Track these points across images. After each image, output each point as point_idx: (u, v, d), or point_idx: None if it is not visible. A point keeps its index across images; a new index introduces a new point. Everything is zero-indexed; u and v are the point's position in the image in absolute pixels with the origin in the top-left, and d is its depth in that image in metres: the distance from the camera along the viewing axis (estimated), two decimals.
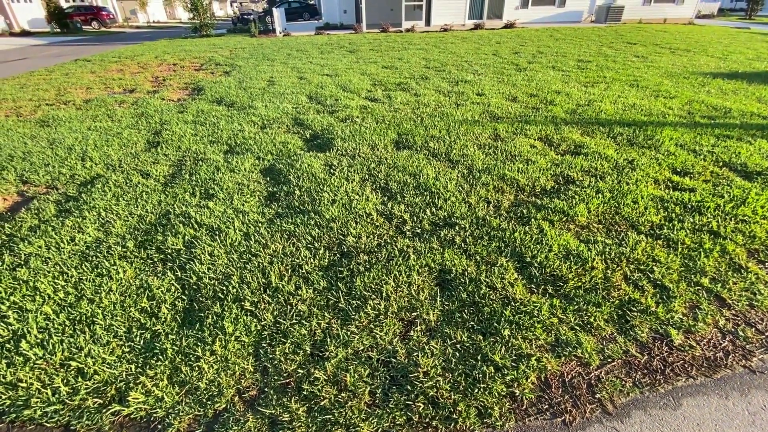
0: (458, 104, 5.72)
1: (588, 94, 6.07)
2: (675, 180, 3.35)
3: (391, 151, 4.10)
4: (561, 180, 3.39)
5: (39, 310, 2.13)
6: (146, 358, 1.84)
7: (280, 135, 4.64)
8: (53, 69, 9.90)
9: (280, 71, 8.64)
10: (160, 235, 2.74)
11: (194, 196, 3.24)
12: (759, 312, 2.09)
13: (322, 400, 1.64)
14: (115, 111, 5.80)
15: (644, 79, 7.04)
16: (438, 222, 2.83)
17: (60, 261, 2.51)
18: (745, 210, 2.88)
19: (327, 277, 2.32)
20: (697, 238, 2.58)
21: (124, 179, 3.58)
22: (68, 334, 1.98)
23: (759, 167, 3.54)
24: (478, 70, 8.23)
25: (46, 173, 3.76)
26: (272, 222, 2.87)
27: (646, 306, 2.07)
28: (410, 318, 2.05)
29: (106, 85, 7.74)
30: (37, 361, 1.85)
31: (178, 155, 4.12)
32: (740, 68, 8.14)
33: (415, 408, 1.60)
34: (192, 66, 9.87)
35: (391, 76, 7.87)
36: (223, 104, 6.06)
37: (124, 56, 11.90)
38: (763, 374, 1.78)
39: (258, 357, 1.85)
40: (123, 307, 2.13)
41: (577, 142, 4.18)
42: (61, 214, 3.07)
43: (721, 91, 6.24)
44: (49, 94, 7.03)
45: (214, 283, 2.28)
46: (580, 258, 2.40)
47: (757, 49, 10.89)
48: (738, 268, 2.36)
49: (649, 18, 21.24)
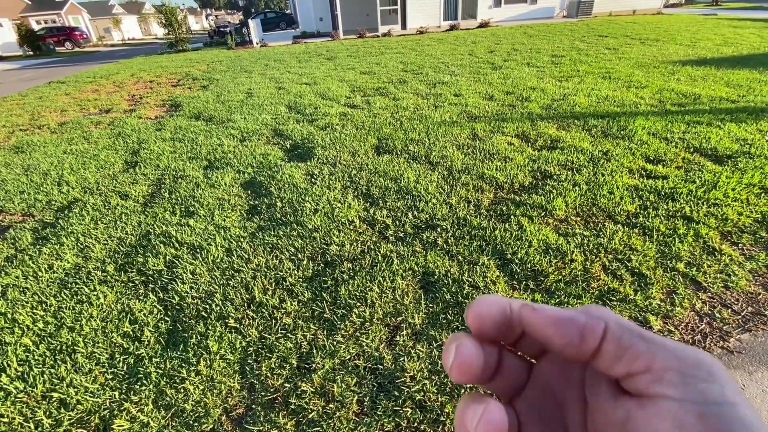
0: (436, 106, 5.78)
1: (562, 89, 6.18)
2: (648, 168, 3.43)
3: (372, 156, 4.12)
4: (539, 175, 3.45)
5: (18, 342, 2.09)
6: (130, 384, 1.82)
7: (260, 147, 4.62)
8: (26, 93, 9.73)
9: (258, 83, 8.62)
10: (140, 257, 2.70)
11: (174, 215, 3.21)
12: (734, 293, 2.15)
13: (310, 412, 1.64)
14: (91, 133, 5.72)
15: (616, 71, 7.20)
16: (420, 225, 2.85)
17: (38, 290, 2.47)
18: (716, 194, 2.96)
19: (311, 288, 2.32)
20: (672, 225, 2.65)
21: (102, 202, 3.53)
22: (49, 364, 1.94)
23: (729, 151, 3.65)
24: (455, 71, 8.32)
25: (22, 201, 3.69)
26: (254, 236, 2.86)
27: (625, 294, 2.12)
28: (396, 323, 2.06)
29: (82, 106, 7.63)
30: (18, 394, 1.81)
31: (157, 174, 4.08)
32: (708, 54, 8.38)
33: (403, 413, 1.61)
34: (169, 82, 9.78)
35: (369, 81, 7.91)
36: (202, 119, 6.02)
37: (99, 76, 11.74)
38: (741, 354, 1.83)
39: (244, 374, 1.84)
40: (105, 333, 2.10)
41: (553, 136, 4.25)
42: (38, 242, 3.01)
43: (691, 78, 6.42)
44: (22, 119, 6.90)
45: (197, 302, 2.26)
46: (560, 251, 2.44)
47: (724, 35, 11.23)
48: (712, 251, 2.43)
49: (619, 10, 21.75)
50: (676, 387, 0.17)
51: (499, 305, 0.22)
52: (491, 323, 0.21)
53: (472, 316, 0.22)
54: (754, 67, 6.90)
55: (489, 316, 0.21)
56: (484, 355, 0.22)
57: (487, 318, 0.21)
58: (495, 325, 0.22)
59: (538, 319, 0.21)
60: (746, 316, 2.00)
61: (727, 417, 0.16)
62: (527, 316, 0.21)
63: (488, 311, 0.22)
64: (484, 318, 0.21)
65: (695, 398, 0.16)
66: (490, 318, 0.21)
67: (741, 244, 2.49)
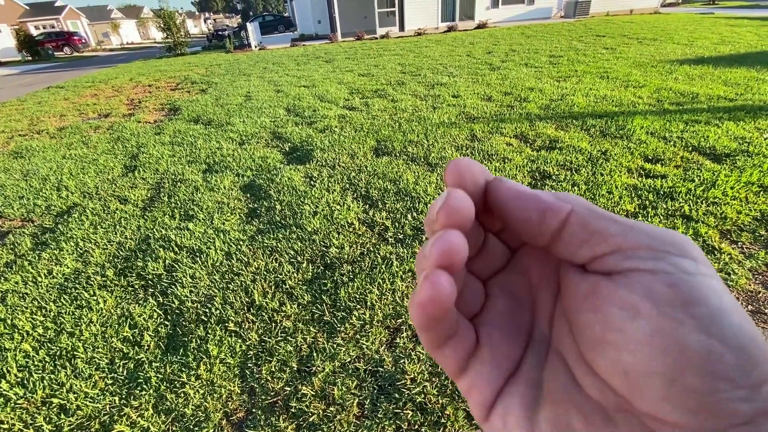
0: (435, 107, 5.78)
1: (561, 89, 6.19)
2: (647, 168, 3.43)
3: (371, 158, 4.12)
4: (537, 176, 3.45)
5: (18, 348, 2.09)
6: (130, 389, 1.82)
7: (259, 150, 4.63)
8: (25, 98, 9.74)
9: (256, 86, 8.63)
10: (140, 261, 2.70)
11: (174, 219, 3.21)
12: (734, 292, 2.14)
13: (310, 416, 1.64)
14: (90, 137, 5.72)
15: (614, 71, 7.22)
16: (419, 226, 2.85)
17: (38, 296, 2.46)
18: (715, 192, 2.96)
19: (311, 291, 2.31)
20: (671, 224, 2.65)
21: (102, 206, 3.53)
22: (49, 370, 1.94)
23: (727, 149, 3.65)
24: (453, 72, 8.33)
25: (21, 206, 3.69)
26: (254, 239, 2.86)
27: None
28: (396, 325, 2.06)
29: (80, 111, 7.64)
30: (18, 400, 1.81)
31: (156, 178, 4.08)
32: (706, 53, 8.40)
33: (404, 416, 1.61)
34: (167, 86, 9.79)
35: (367, 83, 7.92)
36: (201, 123, 6.03)
37: (98, 80, 11.76)
38: None
39: (244, 378, 1.84)
40: (104, 338, 2.10)
41: (551, 137, 4.26)
42: (37, 247, 3.01)
43: (688, 77, 6.43)
44: (21, 125, 6.91)
45: (196, 306, 2.26)
46: None
47: (721, 33, 11.25)
48: (711, 250, 2.42)
49: (616, 10, 21.80)
50: (647, 261, 0.16)
51: (479, 167, 0.21)
52: (473, 186, 0.20)
53: (455, 172, 0.20)
54: (751, 66, 6.91)
55: (471, 178, 0.20)
56: (474, 229, 0.21)
57: (470, 181, 0.20)
58: (476, 189, 0.20)
59: (501, 190, 0.20)
60: None
61: (697, 285, 0.16)
62: (493, 187, 0.21)
63: (470, 171, 0.20)
64: (465, 179, 0.20)
65: (667, 269, 0.16)
66: (473, 181, 0.20)
67: (740, 242, 2.49)
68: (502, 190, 0.20)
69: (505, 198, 0.20)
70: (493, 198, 0.20)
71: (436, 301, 0.17)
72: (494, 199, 0.20)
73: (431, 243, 0.18)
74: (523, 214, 0.19)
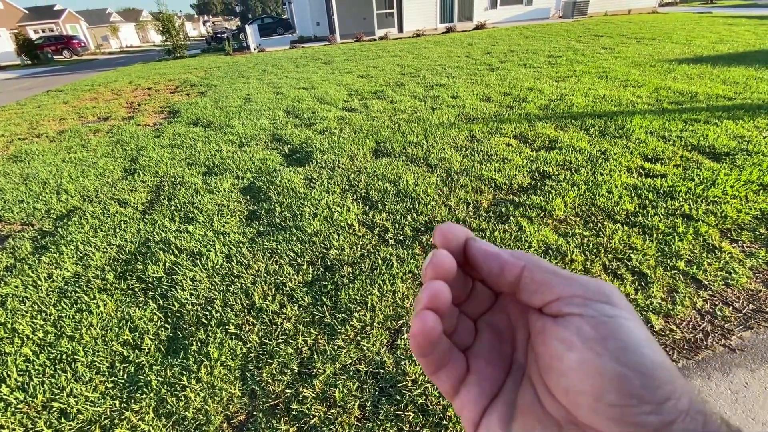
0: (434, 108, 5.79)
1: (559, 89, 6.19)
2: (647, 167, 3.43)
3: (370, 159, 4.12)
4: (537, 176, 3.45)
5: (18, 352, 2.08)
6: (131, 392, 1.81)
7: (258, 152, 4.63)
8: (25, 102, 9.75)
9: (256, 88, 8.64)
10: (140, 264, 2.70)
11: (174, 221, 3.21)
12: (735, 290, 2.14)
13: (311, 418, 1.63)
14: (90, 140, 5.72)
15: (613, 70, 7.22)
16: (419, 227, 2.85)
17: (38, 299, 2.46)
18: (715, 191, 2.96)
19: (311, 293, 2.31)
20: (671, 223, 2.65)
21: (102, 210, 3.53)
22: (49, 374, 1.94)
23: (726, 148, 3.65)
24: (452, 73, 8.34)
25: (21, 210, 3.69)
26: (254, 241, 2.86)
27: (626, 294, 2.11)
28: (396, 326, 2.05)
29: (80, 114, 7.64)
30: (18, 405, 1.81)
31: (156, 181, 4.08)
32: (704, 52, 8.41)
33: (405, 417, 1.60)
34: (167, 89, 9.80)
35: (367, 84, 7.93)
36: (200, 125, 6.03)
37: (97, 84, 11.78)
38: (743, 351, 1.83)
39: (245, 380, 1.83)
40: (105, 341, 2.10)
41: (551, 137, 4.26)
42: (37, 251, 3.01)
43: (687, 76, 6.43)
44: (21, 129, 6.91)
45: (197, 309, 2.25)
46: (560, 252, 2.44)
47: (719, 33, 11.26)
48: (712, 249, 2.42)
49: (614, 10, 21.82)
50: (579, 307, 0.21)
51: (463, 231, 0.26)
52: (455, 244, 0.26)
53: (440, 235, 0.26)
54: (750, 65, 6.91)
55: (454, 238, 0.26)
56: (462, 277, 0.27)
57: (453, 240, 0.26)
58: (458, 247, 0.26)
59: (473, 249, 0.26)
60: (748, 314, 2.00)
61: (615, 325, 0.20)
62: (469, 245, 0.26)
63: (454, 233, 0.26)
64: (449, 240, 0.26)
65: (593, 314, 0.21)
66: (455, 240, 0.26)
67: (741, 241, 2.49)
68: (473, 249, 0.26)
69: (476, 255, 0.25)
70: (468, 255, 0.26)
71: (424, 334, 0.23)
72: (469, 255, 0.26)
73: (422, 290, 0.23)
74: (488, 268, 0.25)
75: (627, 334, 0.20)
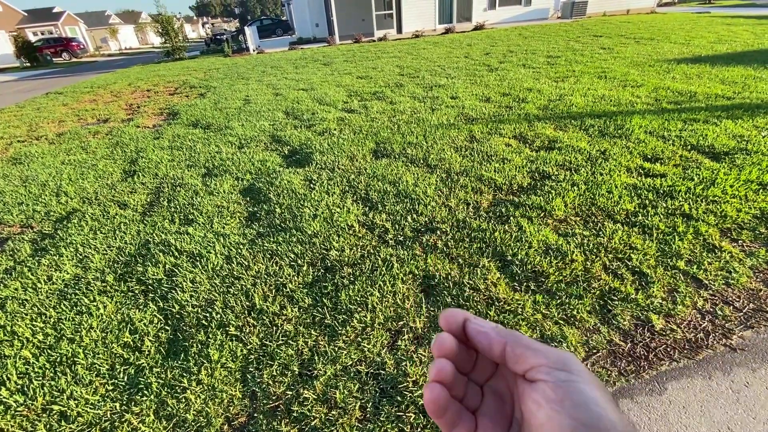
0: (433, 109, 5.79)
1: (559, 89, 6.20)
2: (646, 167, 3.43)
3: (370, 160, 4.12)
4: (537, 176, 3.45)
5: (18, 354, 2.08)
6: (131, 395, 1.81)
7: (258, 153, 4.63)
8: (24, 104, 9.74)
9: (255, 89, 8.64)
10: (140, 266, 2.70)
11: (173, 223, 3.21)
12: (735, 290, 2.14)
13: (312, 420, 1.63)
14: (89, 142, 5.72)
15: (612, 70, 7.23)
16: (419, 228, 2.85)
17: (38, 302, 2.46)
18: (715, 191, 2.97)
19: (312, 294, 2.31)
20: (671, 222, 2.65)
21: (101, 212, 3.53)
22: (49, 377, 1.93)
23: (726, 147, 3.65)
24: (451, 74, 8.35)
25: (20, 212, 3.69)
26: (254, 242, 2.86)
27: (627, 294, 2.11)
28: (397, 327, 2.05)
29: (79, 116, 7.64)
30: (18, 408, 1.80)
31: (156, 182, 4.08)
32: (703, 52, 8.42)
33: (407, 419, 1.60)
34: (166, 91, 9.80)
35: (366, 85, 7.93)
36: (200, 127, 6.03)
37: (97, 86, 11.78)
38: (744, 351, 1.83)
39: (246, 382, 1.83)
40: (105, 343, 2.09)
41: (550, 137, 4.26)
42: (37, 253, 3.01)
43: (686, 76, 6.44)
44: (20, 131, 6.91)
45: (197, 311, 2.25)
46: (560, 252, 2.44)
47: (718, 32, 11.28)
48: (712, 249, 2.42)
49: (613, 10, 21.86)
50: (544, 374, 0.27)
51: (462, 314, 0.33)
52: (456, 326, 0.32)
53: (443, 319, 0.33)
54: (748, 64, 6.92)
55: (454, 321, 0.33)
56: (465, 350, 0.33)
57: (453, 323, 0.32)
58: (459, 328, 0.32)
59: (468, 329, 0.32)
60: (748, 313, 2.00)
61: (571, 388, 0.26)
62: (466, 326, 0.32)
63: (454, 317, 0.33)
64: (451, 323, 0.33)
65: (554, 380, 0.26)
66: (455, 323, 0.32)
67: (741, 240, 2.49)
68: (469, 329, 0.32)
69: (471, 334, 0.32)
70: (467, 333, 0.32)
71: (433, 401, 0.29)
72: (467, 334, 0.32)
73: (430, 366, 0.31)
74: (481, 345, 0.31)
75: (580, 395, 0.25)
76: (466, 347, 0.33)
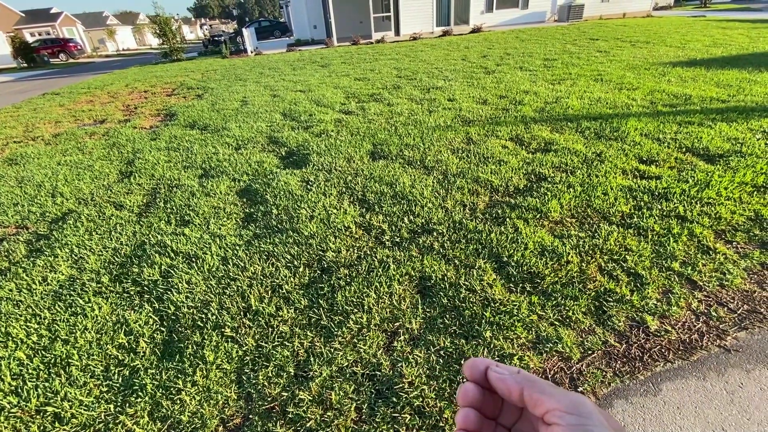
0: (430, 111, 5.81)
1: (555, 92, 6.23)
2: (642, 169, 3.45)
3: (367, 162, 4.13)
4: (533, 178, 3.46)
5: (12, 356, 2.06)
6: (125, 396, 1.80)
7: (255, 155, 4.62)
8: (20, 105, 9.71)
9: (253, 90, 8.64)
10: (135, 267, 2.69)
11: (170, 224, 3.20)
12: (730, 291, 2.16)
13: (308, 421, 1.63)
14: (86, 143, 5.70)
15: (608, 73, 7.27)
16: (416, 229, 2.85)
17: (32, 303, 2.44)
18: (709, 193, 2.98)
19: (308, 295, 2.31)
20: (666, 224, 2.66)
21: (97, 212, 3.52)
22: (43, 378, 1.92)
23: (720, 150, 3.68)
24: (449, 76, 8.37)
25: (15, 213, 3.67)
26: (250, 244, 2.85)
27: (622, 295, 2.12)
28: (393, 328, 2.05)
29: (76, 117, 7.62)
30: (11, 409, 1.79)
31: (152, 183, 4.07)
32: (698, 55, 8.48)
33: (402, 420, 1.60)
34: (164, 92, 9.79)
35: (363, 87, 7.95)
36: (197, 128, 6.03)
37: (94, 87, 11.75)
38: (738, 352, 1.84)
39: (241, 384, 1.83)
40: (99, 345, 2.08)
41: (546, 139, 4.28)
42: (32, 254, 2.99)
43: (681, 79, 6.49)
44: (16, 131, 6.88)
45: (192, 312, 2.24)
46: (556, 253, 2.45)
47: (713, 36, 11.37)
48: (707, 250, 2.44)
49: (609, 14, 22.00)
50: (559, 418, 0.29)
51: (484, 363, 0.35)
52: (479, 374, 0.34)
53: (467, 369, 0.35)
54: (743, 67, 6.98)
55: (477, 370, 0.35)
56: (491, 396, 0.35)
57: (476, 371, 0.35)
58: (482, 376, 0.34)
59: (489, 377, 0.34)
60: (742, 314, 2.01)
61: None
62: (487, 374, 0.34)
63: (477, 367, 0.35)
64: (474, 371, 0.35)
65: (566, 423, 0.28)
66: (478, 371, 0.35)
67: (735, 242, 2.51)
68: (489, 377, 0.34)
69: (491, 381, 0.34)
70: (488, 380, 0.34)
71: None
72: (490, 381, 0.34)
73: (457, 415, 0.34)
74: (500, 391, 0.33)
75: None
76: (491, 393, 0.35)
